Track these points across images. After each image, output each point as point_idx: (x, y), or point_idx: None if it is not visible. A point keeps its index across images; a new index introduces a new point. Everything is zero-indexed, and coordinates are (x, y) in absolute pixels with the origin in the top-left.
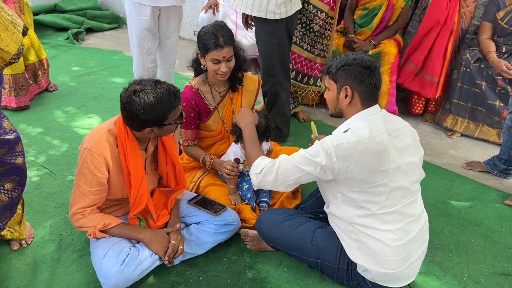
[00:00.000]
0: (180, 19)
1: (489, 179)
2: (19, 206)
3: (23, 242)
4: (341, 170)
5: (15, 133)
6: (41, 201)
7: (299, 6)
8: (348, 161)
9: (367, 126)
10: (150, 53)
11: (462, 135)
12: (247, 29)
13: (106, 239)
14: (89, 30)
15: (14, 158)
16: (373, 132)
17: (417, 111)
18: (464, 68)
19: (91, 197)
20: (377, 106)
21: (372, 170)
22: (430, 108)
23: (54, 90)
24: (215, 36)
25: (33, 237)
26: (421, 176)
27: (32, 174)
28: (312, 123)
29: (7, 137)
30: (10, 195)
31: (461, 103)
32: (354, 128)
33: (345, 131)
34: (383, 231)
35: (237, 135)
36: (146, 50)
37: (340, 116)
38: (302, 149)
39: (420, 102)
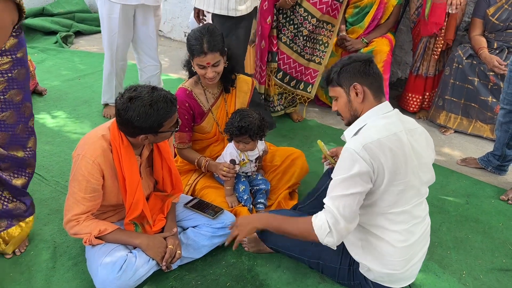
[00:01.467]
0: (158, 20)
1: (484, 175)
2: (23, 224)
3: (17, 250)
4: (378, 170)
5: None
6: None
7: (256, 3)
8: (377, 160)
9: (385, 124)
10: (120, 51)
11: (455, 131)
12: (199, 24)
13: (102, 245)
14: (78, 33)
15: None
16: (391, 129)
17: (411, 109)
18: (457, 65)
19: (85, 204)
20: (388, 103)
21: (392, 169)
22: (423, 105)
23: (44, 94)
24: (199, 42)
25: (26, 245)
26: (432, 179)
27: None
28: (319, 141)
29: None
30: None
31: (454, 99)
32: (372, 126)
33: (361, 128)
34: (391, 231)
35: (231, 133)
36: (115, 47)
37: (355, 120)
38: (333, 179)
39: (415, 100)
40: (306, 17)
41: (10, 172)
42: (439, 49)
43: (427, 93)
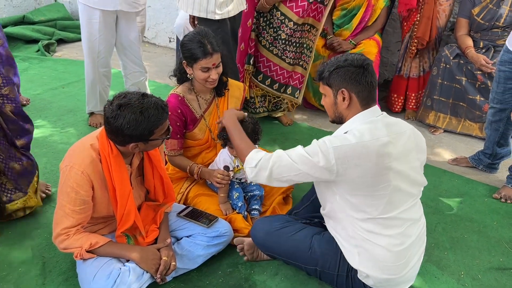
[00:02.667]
0: (141, 26)
1: (475, 174)
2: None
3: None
4: (340, 172)
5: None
6: (21, 222)
7: (243, 7)
8: (347, 164)
9: (368, 128)
10: (102, 57)
11: (445, 131)
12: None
13: (94, 259)
14: (61, 41)
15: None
16: (374, 134)
17: (396, 109)
18: (444, 65)
19: (75, 217)
20: (376, 107)
21: (373, 174)
22: (410, 106)
23: (27, 104)
24: (202, 44)
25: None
26: (423, 181)
27: None
28: None
29: None
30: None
31: (443, 99)
32: (355, 130)
33: (345, 133)
34: (385, 236)
35: (224, 138)
36: (97, 53)
37: (340, 121)
38: (300, 146)
39: (399, 100)
40: (283, 21)
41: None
42: (414, 48)
43: (412, 94)
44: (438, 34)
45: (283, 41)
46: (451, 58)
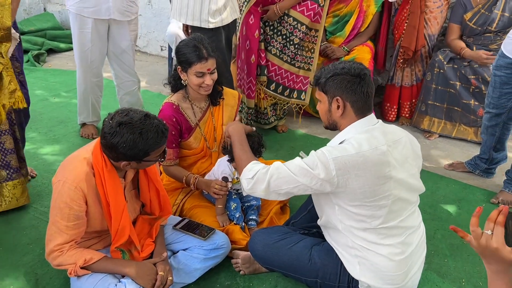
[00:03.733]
0: (134, 35)
1: (472, 178)
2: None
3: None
4: (341, 184)
5: None
6: (12, 237)
7: (237, 15)
8: (348, 174)
9: (366, 138)
10: (94, 66)
11: (440, 135)
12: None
13: (89, 276)
14: (51, 51)
15: None
16: (372, 144)
17: (390, 118)
18: (438, 70)
19: (69, 233)
20: (372, 116)
21: (373, 184)
22: (405, 114)
23: None
24: (198, 49)
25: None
26: (421, 187)
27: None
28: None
29: None
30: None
31: (437, 104)
32: (352, 140)
33: (341, 143)
34: (385, 245)
35: (229, 151)
36: (89, 63)
37: (334, 128)
38: (298, 158)
39: (392, 110)
40: (296, 26)
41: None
42: (400, 58)
43: (406, 102)
44: (429, 43)
45: (296, 46)
46: (445, 62)
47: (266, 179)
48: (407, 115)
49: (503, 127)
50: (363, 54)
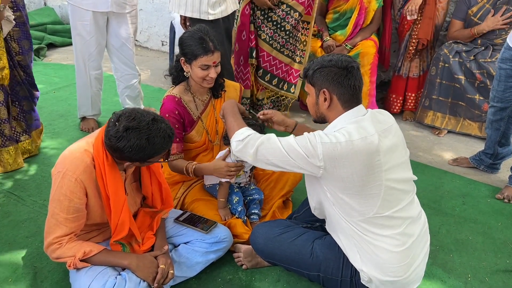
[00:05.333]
0: (133, 28)
1: (477, 174)
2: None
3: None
4: (328, 169)
5: None
6: (11, 230)
7: (236, 7)
8: (336, 162)
9: (355, 128)
10: (93, 59)
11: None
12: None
13: (88, 268)
14: (51, 46)
15: None
16: (362, 133)
17: (395, 110)
18: (443, 64)
19: (68, 225)
20: (361, 107)
21: (363, 173)
22: (409, 107)
23: None
24: (204, 41)
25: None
26: (412, 176)
27: None
28: None
29: None
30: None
31: (441, 98)
32: (343, 130)
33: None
34: (383, 236)
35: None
36: (88, 56)
37: (323, 121)
38: (292, 135)
39: (398, 101)
40: (289, 12)
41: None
42: (412, 48)
43: (412, 94)
44: (435, 33)
45: (287, 33)
46: (450, 56)
47: (255, 144)
48: (412, 108)
49: (508, 121)
50: (368, 48)
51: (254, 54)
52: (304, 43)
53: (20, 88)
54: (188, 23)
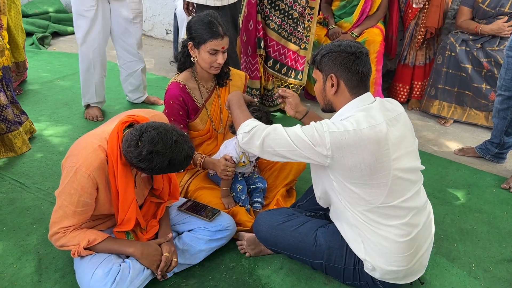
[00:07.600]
0: (136, 13)
1: (483, 164)
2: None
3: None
4: (335, 158)
5: None
6: (15, 217)
7: None
8: (343, 150)
9: (364, 116)
10: (96, 45)
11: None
12: (188, 16)
13: (93, 256)
14: (55, 34)
15: None
16: (370, 122)
17: (401, 99)
18: (449, 53)
19: (76, 217)
20: (369, 94)
21: (370, 162)
22: (415, 95)
23: (19, 94)
24: (214, 25)
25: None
26: (420, 165)
27: (3, 189)
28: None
29: None
30: None
31: (447, 88)
32: (351, 118)
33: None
34: (388, 226)
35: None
36: (91, 41)
37: (330, 109)
38: (299, 125)
39: (404, 90)
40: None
41: None
42: (420, 37)
43: (418, 83)
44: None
45: (295, 20)
46: (457, 45)
47: (262, 135)
48: (418, 96)
49: None
50: (374, 36)
51: (262, 45)
52: (308, 28)
53: (5, 71)
54: (191, 8)
